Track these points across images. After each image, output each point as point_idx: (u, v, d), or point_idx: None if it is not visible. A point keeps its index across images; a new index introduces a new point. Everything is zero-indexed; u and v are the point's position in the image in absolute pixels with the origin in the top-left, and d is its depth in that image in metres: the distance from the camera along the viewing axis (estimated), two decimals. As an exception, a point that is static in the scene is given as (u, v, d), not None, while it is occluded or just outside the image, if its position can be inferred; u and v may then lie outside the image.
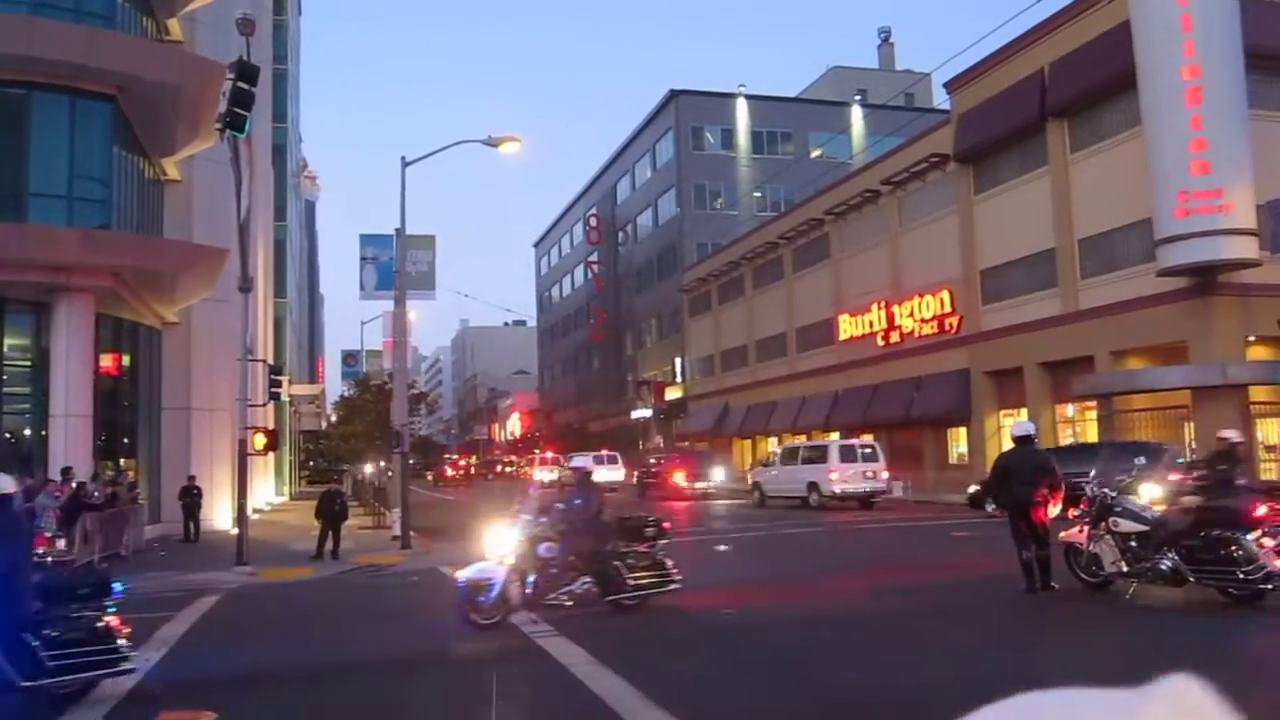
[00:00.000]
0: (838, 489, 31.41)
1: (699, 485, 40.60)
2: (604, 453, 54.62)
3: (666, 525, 12.77)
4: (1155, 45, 28.18)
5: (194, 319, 28.39)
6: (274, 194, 46.33)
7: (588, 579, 11.66)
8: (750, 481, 37.98)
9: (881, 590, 13.44)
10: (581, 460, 12.83)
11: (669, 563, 12.24)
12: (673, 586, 12.07)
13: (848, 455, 32.38)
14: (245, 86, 17.34)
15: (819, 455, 33.37)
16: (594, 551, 11.84)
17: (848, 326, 46.18)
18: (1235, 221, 27.01)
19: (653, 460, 46.50)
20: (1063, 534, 12.55)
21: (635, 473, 47.72)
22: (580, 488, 12.87)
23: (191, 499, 25.10)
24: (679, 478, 40.86)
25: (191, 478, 25.68)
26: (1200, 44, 27.27)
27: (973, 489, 28.01)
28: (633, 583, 11.82)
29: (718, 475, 42.15)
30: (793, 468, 34.21)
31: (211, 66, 22.91)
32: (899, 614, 11.73)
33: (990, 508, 21.20)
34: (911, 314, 41.51)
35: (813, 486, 32.28)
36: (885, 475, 32.52)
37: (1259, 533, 10.69)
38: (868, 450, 33.08)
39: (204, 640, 11.48)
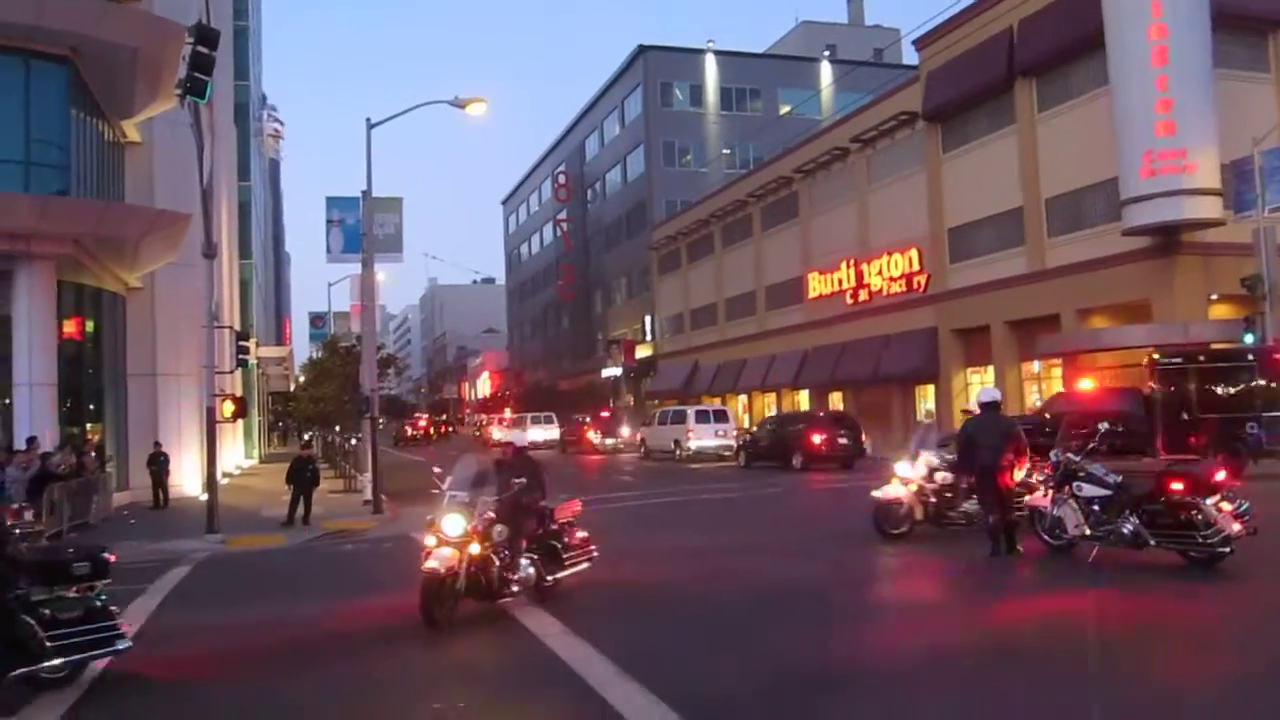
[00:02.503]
0: (693, 445, 37.48)
1: (609, 442, 47.99)
2: (540, 414, 59.96)
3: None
4: (1123, 4, 28.28)
5: (158, 284, 28.05)
6: (237, 154, 45.61)
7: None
8: (639, 438, 43.71)
9: (824, 558, 13.61)
10: (512, 435, 12.00)
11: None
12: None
13: (702, 418, 38.78)
14: (205, 51, 17.00)
15: (680, 417, 39.35)
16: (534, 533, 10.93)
17: (816, 285, 46.33)
18: (1199, 182, 27.27)
19: (575, 420, 54.34)
20: (1027, 498, 12.75)
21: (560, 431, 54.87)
22: (517, 466, 11.36)
23: (159, 466, 24.95)
24: (592, 435, 49.21)
25: (158, 444, 25.49)
26: (1167, 3, 27.39)
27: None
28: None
29: (625, 433, 49.06)
30: (665, 427, 40.08)
31: (170, 27, 22.45)
32: (838, 581, 11.90)
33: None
34: (880, 272, 41.70)
35: (677, 443, 38.43)
36: (734, 433, 37.68)
37: (1218, 497, 10.91)
38: (720, 413, 39.91)
39: (177, 613, 11.46)
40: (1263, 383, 23.22)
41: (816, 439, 30.75)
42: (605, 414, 53.11)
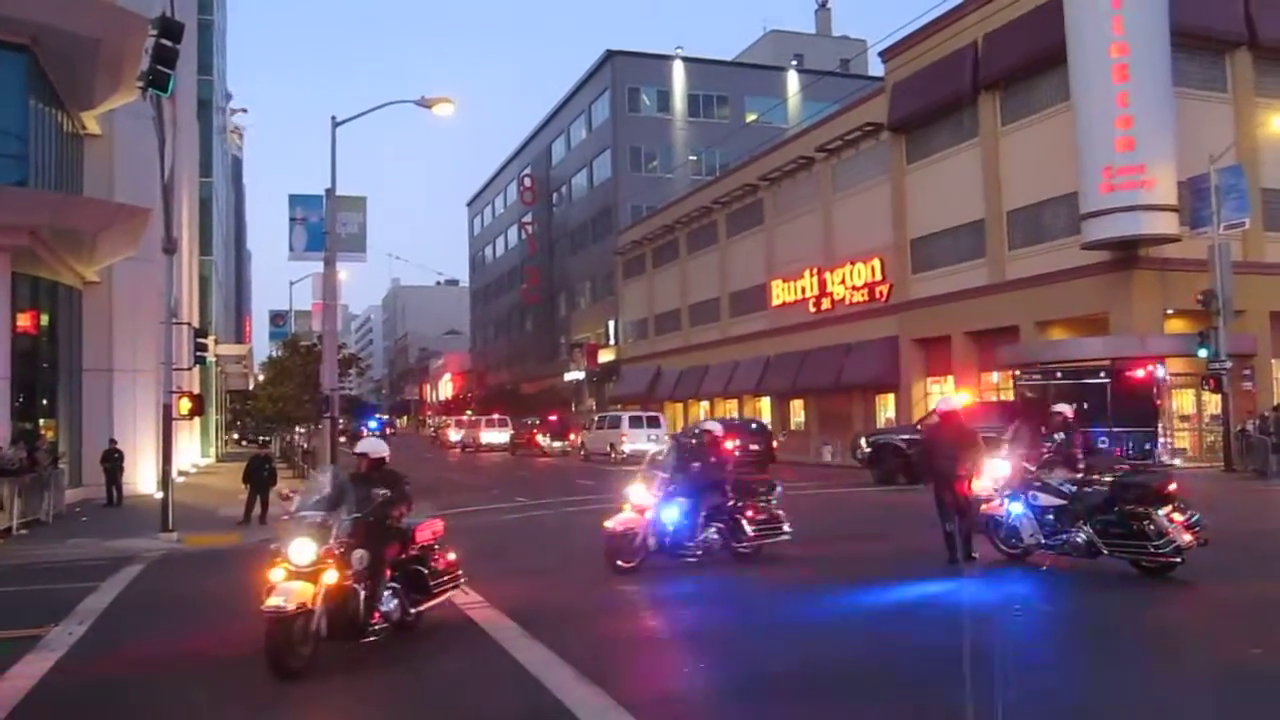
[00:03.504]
0: (627, 449, 39.49)
1: (556, 444, 50.97)
2: (494, 416, 62.59)
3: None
4: (1085, 21, 28.66)
5: (116, 278, 27.64)
6: (199, 149, 45.13)
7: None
8: (580, 442, 46.28)
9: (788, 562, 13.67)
10: (370, 445, 9.80)
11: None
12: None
13: (636, 423, 41.51)
14: (169, 44, 16.82)
15: (616, 423, 42.28)
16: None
17: (780, 292, 46.55)
18: (1157, 198, 27.71)
19: (525, 423, 57.82)
20: (984, 506, 12.87)
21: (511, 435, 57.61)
22: (375, 479, 9.31)
23: (113, 463, 24.60)
24: (541, 439, 52.43)
25: (113, 441, 25.14)
26: (1129, 21, 27.79)
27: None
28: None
29: (572, 437, 51.52)
30: (602, 432, 42.95)
31: (133, 19, 22.16)
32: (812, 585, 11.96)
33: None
34: (843, 281, 41.97)
35: (612, 446, 41.01)
36: (666, 437, 37.10)
37: (1170, 508, 11.07)
38: (652, 419, 42.24)
39: (128, 612, 11.30)
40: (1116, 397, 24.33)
41: (729, 445, 31.61)
42: (553, 418, 55.30)
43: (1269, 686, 7.29)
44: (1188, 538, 10.90)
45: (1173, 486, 11.29)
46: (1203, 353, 26.65)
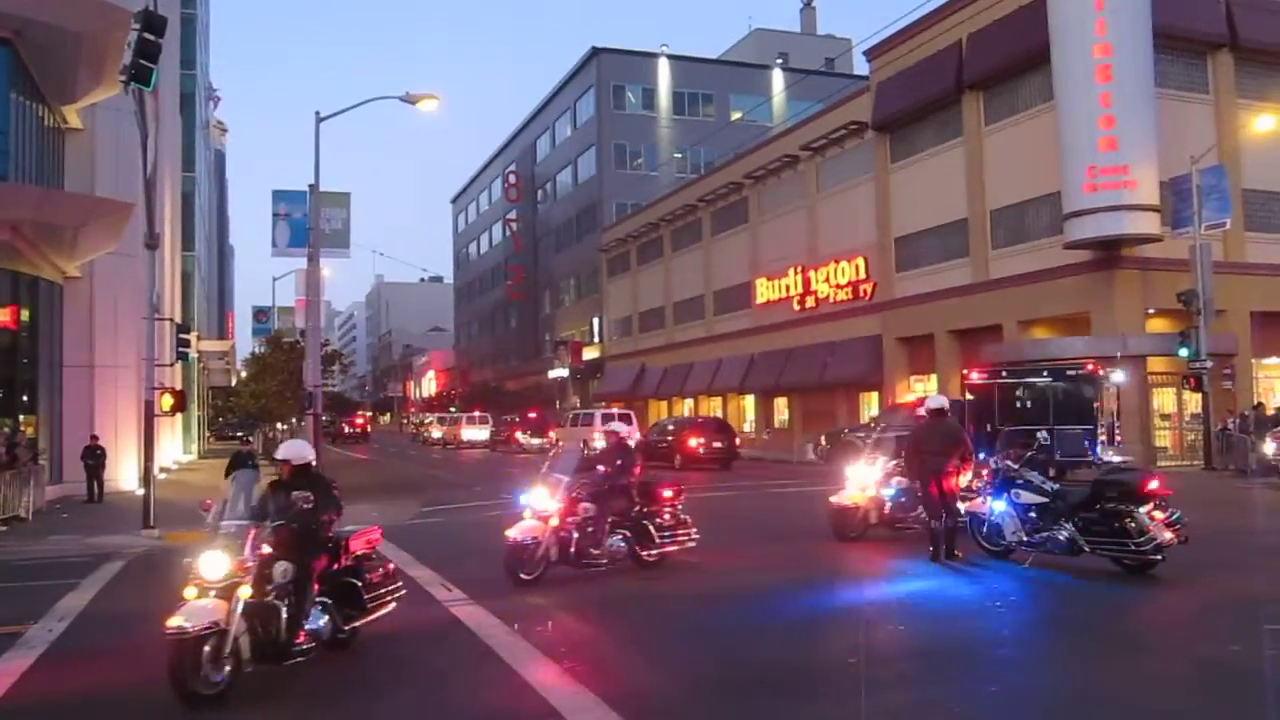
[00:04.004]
0: (599, 445, 37.05)
1: (535, 441, 50.94)
2: (475, 414, 64.33)
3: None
4: (1068, 22, 28.78)
5: (97, 273, 27.45)
6: (182, 144, 44.86)
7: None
8: (554, 437, 46.45)
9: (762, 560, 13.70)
10: (293, 448, 9.11)
11: None
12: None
13: (608, 420, 39.95)
14: (151, 38, 16.72)
15: (589, 420, 43.17)
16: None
17: (764, 290, 46.61)
18: (1139, 198, 27.85)
19: (505, 420, 59.50)
20: (966, 504, 12.93)
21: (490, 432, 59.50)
22: (300, 484, 8.48)
23: (95, 459, 24.44)
24: (520, 436, 52.79)
25: (94, 437, 24.98)
26: (1111, 23, 27.91)
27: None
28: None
29: (550, 434, 51.17)
30: (576, 428, 43.15)
31: (116, 12, 21.99)
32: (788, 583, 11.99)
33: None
34: (827, 279, 42.06)
35: (585, 442, 39.55)
36: (637, 435, 37.63)
37: (1150, 505, 11.15)
38: (625, 416, 41.86)
39: (109, 610, 11.25)
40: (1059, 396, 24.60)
41: (692, 443, 33.83)
42: (533, 415, 55.57)
43: (1248, 683, 7.35)
44: (1168, 535, 10.99)
45: (1154, 484, 11.36)
46: (1184, 352, 26.82)
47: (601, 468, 12.63)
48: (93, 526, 19.04)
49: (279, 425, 45.25)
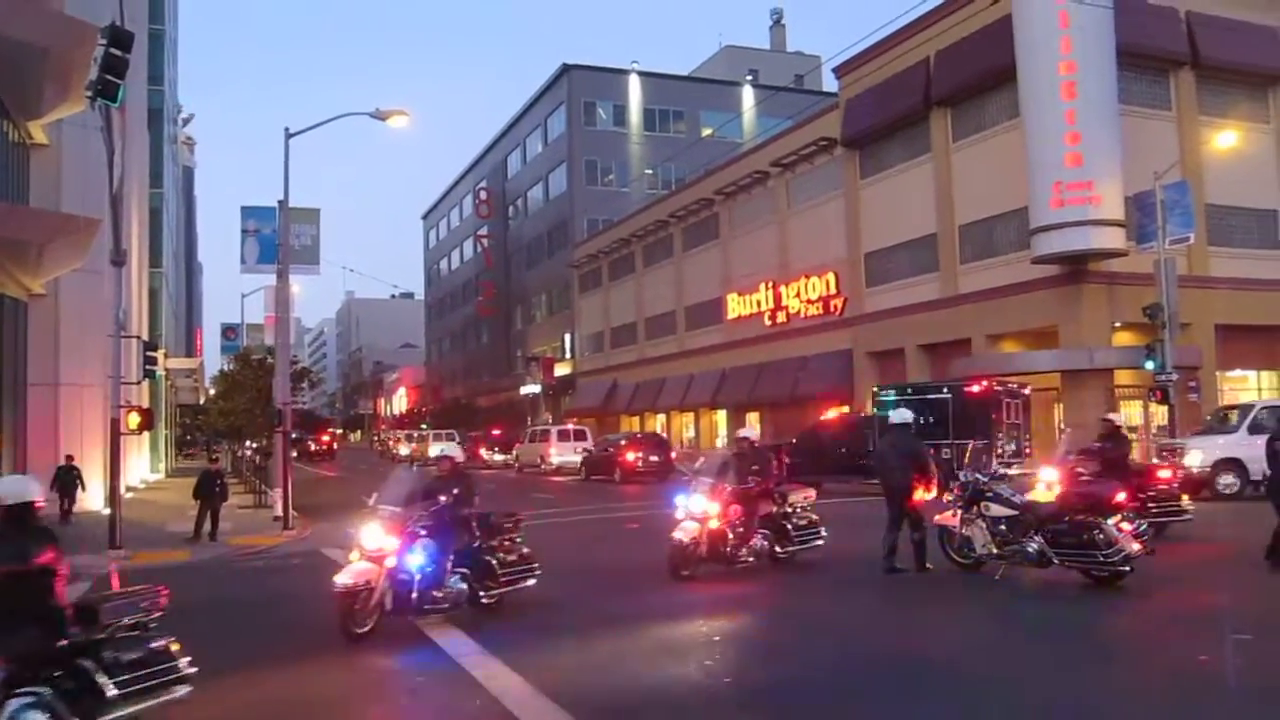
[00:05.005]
0: (555, 460, 42.35)
1: (499, 457, 52.69)
2: (443, 431, 64.31)
3: None
4: (1034, 40, 29.15)
5: (62, 290, 27.11)
6: (150, 160, 44.52)
7: None
8: (514, 453, 48.73)
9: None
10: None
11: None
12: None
13: (563, 436, 43.90)
14: (118, 53, 16.59)
15: (545, 436, 45.04)
16: None
17: (736, 306, 46.76)
18: (1105, 213, 28.21)
19: (469, 437, 59.48)
20: (937, 517, 12.99)
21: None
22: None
23: (71, 479, 23.99)
24: (484, 452, 54.11)
25: (69, 457, 24.57)
26: (1076, 40, 28.29)
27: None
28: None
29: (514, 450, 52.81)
30: (534, 444, 45.47)
31: (82, 28, 21.77)
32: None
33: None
34: (798, 295, 42.26)
35: (541, 458, 43.88)
36: (589, 448, 40.71)
37: (1118, 517, 11.25)
38: (579, 433, 44.25)
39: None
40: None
41: (630, 457, 35.45)
42: (496, 432, 56.74)
43: (1215, 693, 7.41)
44: (1136, 547, 11.09)
45: (1121, 497, 11.47)
46: (1149, 365, 27.11)
47: (443, 498, 10.58)
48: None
49: (249, 444, 44.75)
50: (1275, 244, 33.30)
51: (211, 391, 58.12)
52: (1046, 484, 13.10)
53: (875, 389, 28.28)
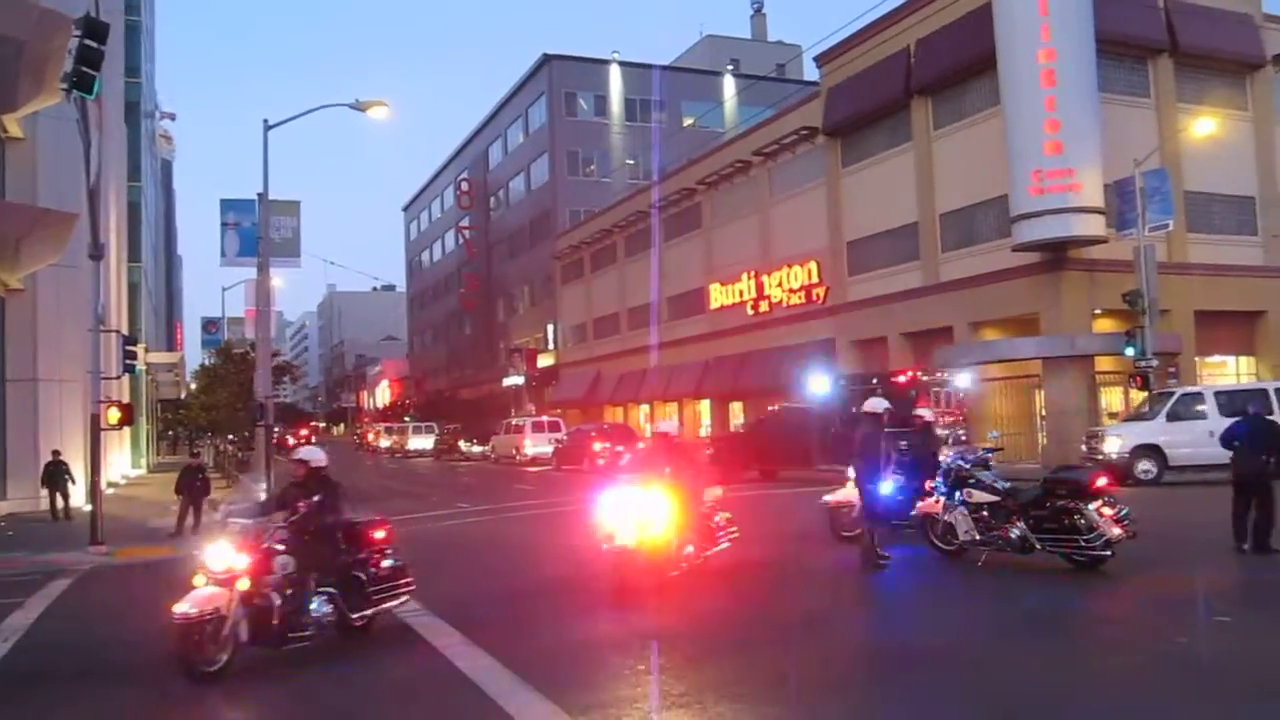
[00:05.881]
0: (529, 451, 44.04)
1: (476, 449, 53.24)
2: (422, 424, 67.46)
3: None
4: (1014, 28, 29.19)
5: (40, 285, 26.93)
6: (128, 153, 44.19)
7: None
8: (491, 445, 50.45)
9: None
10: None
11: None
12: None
13: (538, 428, 45.93)
14: (94, 45, 16.45)
15: (520, 428, 46.66)
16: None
17: (718, 295, 46.76)
18: (1085, 200, 28.30)
19: (448, 429, 62.59)
20: (920, 505, 13.06)
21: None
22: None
23: (60, 474, 23.74)
24: (462, 444, 55.55)
25: (56, 453, 24.36)
26: (1056, 28, 28.35)
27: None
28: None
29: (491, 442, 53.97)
30: (509, 436, 47.29)
31: (57, 19, 21.52)
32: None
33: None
34: (780, 284, 42.27)
35: (516, 449, 45.72)
36: (564, 438, 41.99)
37: (1099, 502, 11.32)
38: (554, 424, 46.37)
39: (55, 628, 11.04)
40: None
41: (596, 447, 36.85)
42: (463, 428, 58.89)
43: (1196, 674, 7.48)
44: (1117, 531, 11.17)
45: (1102, 481, 11.55)
46: (1130, 351, 27.26)
47: (301, 506, 9.10)
48: (40, 543, 18.63)
49: (229, 437, 44.64)
50: (1253, 230, 33.54)
51: (193, 386, 57.88)
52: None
53: (812, 380, 29.05)
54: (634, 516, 11.16)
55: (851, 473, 13.58)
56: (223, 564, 8.36)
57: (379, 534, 9.93)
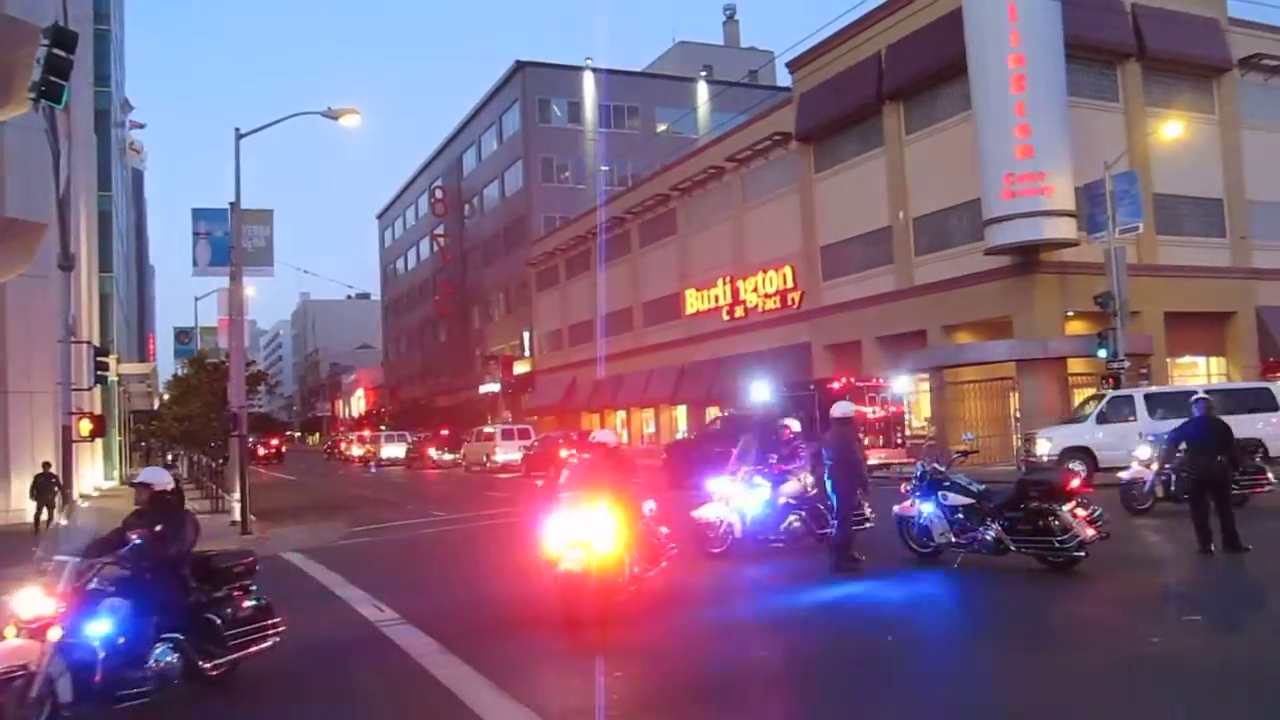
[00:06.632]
0: (500, 458, 44.51)
1: (446, 457, 53.50)
2: (394, 432, 67.85)
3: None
4: (983, 33, 29.44)
5: (9, 296, 26.62)
6: (98, 163, 43.83)
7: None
8: (462, 452, 50.58)
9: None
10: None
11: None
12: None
13: (508, 435, 46.34)
14: (62, 54, 16.31)
15: (491, 435, 47.22)
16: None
17: (693, 301, 46.84)
18: (1056, 204, 28.56)
19: (419, 437, 61.80)
20: (896, 507, 13.11)
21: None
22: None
23: (50, 486, 23.35)
24: (432, 452, 55.47)
25: (46, 464, 23.99)
26: (1025, 33, 28.61)
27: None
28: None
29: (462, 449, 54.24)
30: (480, 443, 47.54)
31: (23, 28, 21.34)
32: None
33: None
34: (755, 289, 42.40)
35: (487, 456, 45.98)
36: (534, 444, 42.29)
37: (1073, 503, 11.41)
38: (524, 431, 46.73)
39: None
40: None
41: (563, 454, 36.49)
42: (445, 432, 57.83)
43: (1168, 674, 7.54)
44: (1090, 532, 11.26)
45: (1075, 483, 11.64)
46: (1102, 353, 27.48)
47: (134, 538, 7.51)
48: (3, 556, 18.37)
49: (210, 446, 44.16)
50: (1221, 232, 33.91)
51: (166, 396, 57.31)
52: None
53: (754, 388, 29.44)
54: (577, 538, 10.04)
55: (713, 488, 14.46)
56: (32, 611, 6.75)
57: (238, 569, 8.56)
